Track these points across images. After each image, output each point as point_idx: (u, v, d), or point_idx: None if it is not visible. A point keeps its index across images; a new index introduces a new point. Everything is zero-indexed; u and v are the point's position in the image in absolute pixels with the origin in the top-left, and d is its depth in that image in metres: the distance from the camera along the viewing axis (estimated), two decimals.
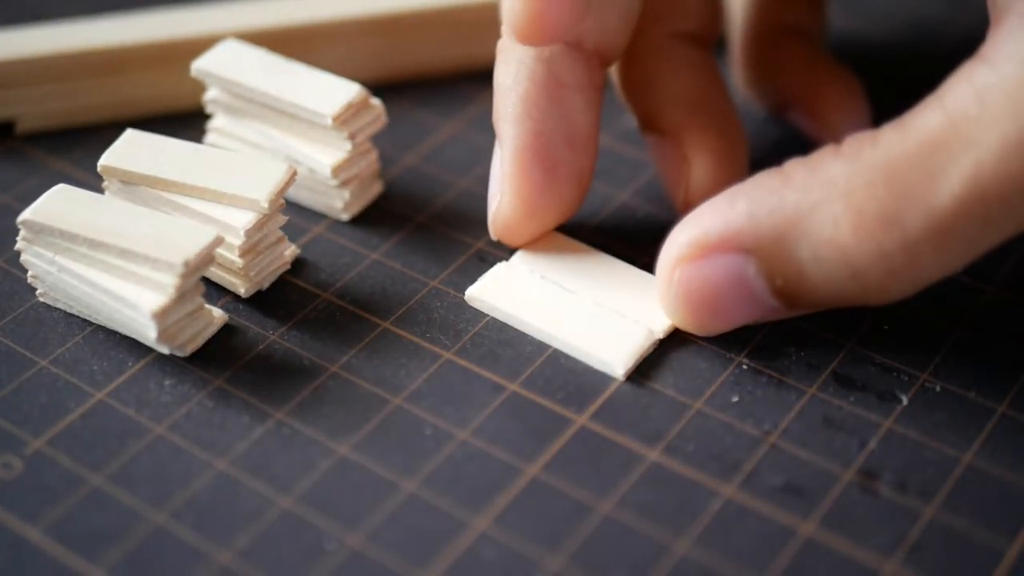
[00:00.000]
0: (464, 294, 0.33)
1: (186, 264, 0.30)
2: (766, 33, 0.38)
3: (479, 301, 0.33)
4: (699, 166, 0.34)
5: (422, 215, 0.36)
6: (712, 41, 0.36)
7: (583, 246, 0.34)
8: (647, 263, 0.33)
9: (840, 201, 0.28)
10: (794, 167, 0.29)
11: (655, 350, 0.32)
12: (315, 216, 0.36)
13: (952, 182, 0.27)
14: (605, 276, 0.33)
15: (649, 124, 0.35)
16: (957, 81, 0.27)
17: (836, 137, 0.35)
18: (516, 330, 0.32)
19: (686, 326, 0.31)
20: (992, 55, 0.27)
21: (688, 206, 0.33)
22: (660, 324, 0.32)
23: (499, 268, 0.34)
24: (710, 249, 0.30)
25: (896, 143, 0.28)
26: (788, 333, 0.32)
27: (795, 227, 0.28)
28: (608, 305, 0.32)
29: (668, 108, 0.34)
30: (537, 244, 0.34)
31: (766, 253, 0.29)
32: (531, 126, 0.32)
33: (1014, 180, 0.26)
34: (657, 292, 0.31)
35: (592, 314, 0.32)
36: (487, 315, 0.33)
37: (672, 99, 0.34)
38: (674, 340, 0.32)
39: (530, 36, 0.31)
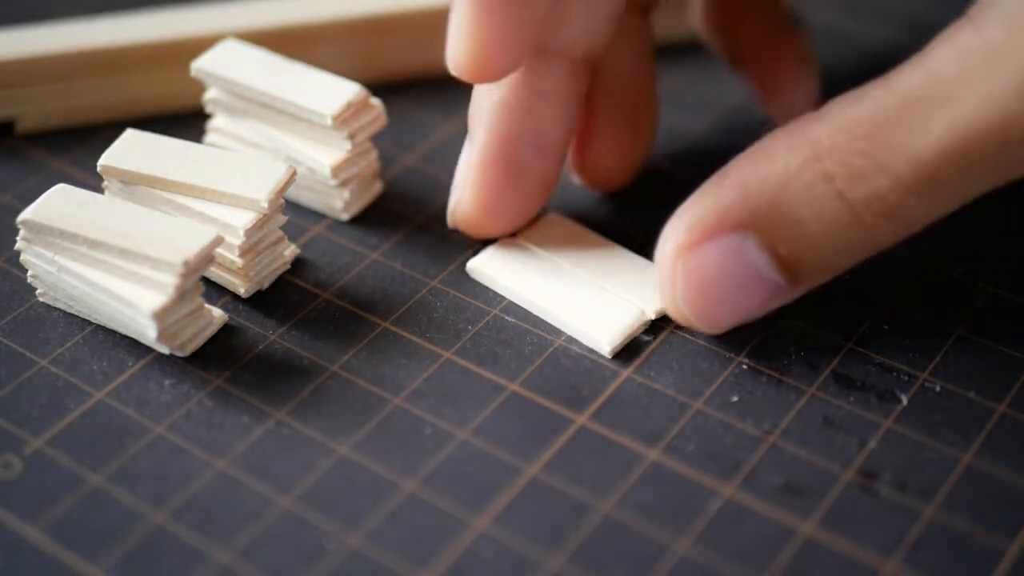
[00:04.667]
0: (464, 293, 0.33)
1: (186, 264, 0.30)
2: None
3: (479, 273, 0.34)
4: (599, 147, 0.35)
5: (422, 215, 0.36)
6: (652, 5, 0.36)
7: (585, 230, 0.35)
8: (648, 252, 0.34)
9: (828, 157, 0.28)
10: (777, 136, 0.29)
11: (655, 349, 0.32)
12: (315, 216, 0.36)
13: (933, 134, 0.27)
14: (603, 259, 0.34)
15: None
16: (941, 42, 0.28)
17: (783, 111, 0.36)
18: (516, 330, 0.32)
19: (696, 321, 0.31)
20: (978, 17, 0.28)
21: (581, 176, 0.35)
22: (652, 305, 0.32)
23: (502, 243, 0.34)
24: (708, 233, 0.30)
25: (879, 100, 0.28)
26: (788, 333, 0.32)
27: (786, 190, 0.29)
28: (603, 285, 0.33)
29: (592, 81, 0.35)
30: (540, 225, 0.35)
31: (763, 223, 0.29)
32: (502, 131, 0.33)
33: (992, 135, 0.27)
34: (660, 293, 0.31)
35: (586, 293, 0.33)
36: (487, 315, 0.33)
37: (599, 72, 0.35)
38: (674, 340, 0.32)
39: (473, 77, 0.31)
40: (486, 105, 0.33)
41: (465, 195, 0.33)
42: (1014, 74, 0.26)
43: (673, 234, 0.30)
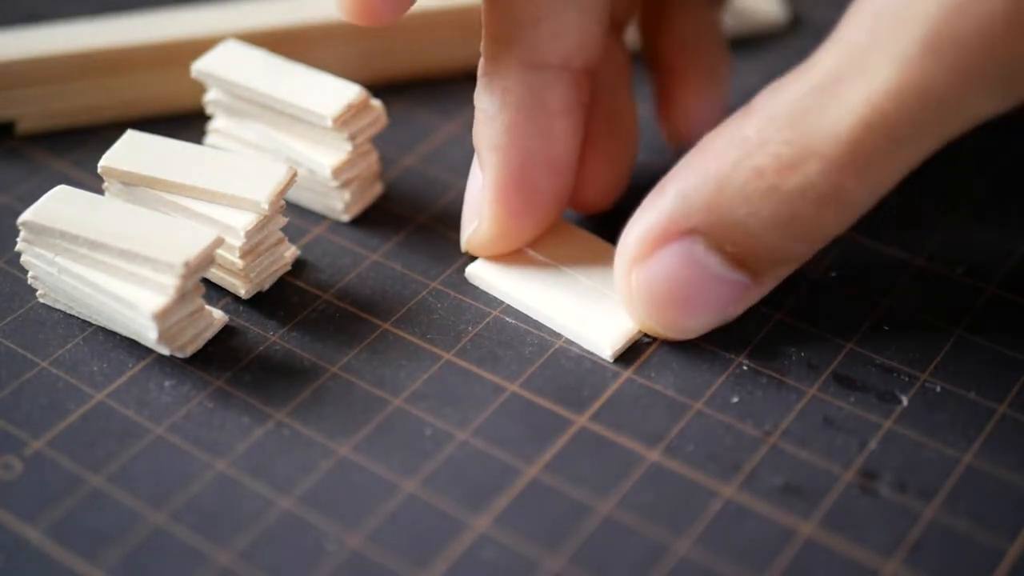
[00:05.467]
0: (465, 295, 0.33)
1: (186, 265, 0.30)
2: None
3: (477, 278, 0.34)
4: (587, 167, 0.34)
5: (422, 216, 0.36)
6: (627, 23, 0.36)
7: (584, 232, 0.35)
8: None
9: (758, 152, 0.28)
10: (711, 139, 0.30)
11: (655, 350, 0.32)
12: (315, 217, 0.36)
13: (853, 108, 0.27)
14: (602, 262, 0.34)
15: None
16: (852, 12, 0.28)
17: (669, 124, 0.36)
18: (516, 331, 0.32)
19: (661, 329, 0.31)
20: None
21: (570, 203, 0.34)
22: None
23: None
24: (655, 243, 0.30)
25: (797, 85, 0.28)
26: (788, 333, 0.32)
27: (723, 191, 0.29)
28: (603, 289, 0.33)
29: None
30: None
31: (706, 226, 0.29)
32: (515, 155, 0.32)
33: (910, 96, 0.27)
34: (624, 306, 0.31)
35: (587, 297, 0.33)
36: (487, 316, 0.33)
37: None
38: (674, 341, 0.32)
39: (361, 19, 0.30)
40: (496, 129, 0.32)
41: (483, 224, 0.33)
42: (917, 28, 0.26)
43: (623, 249, 0.30)
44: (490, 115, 0.32)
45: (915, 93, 0.26)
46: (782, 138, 0.28)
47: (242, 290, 0.33)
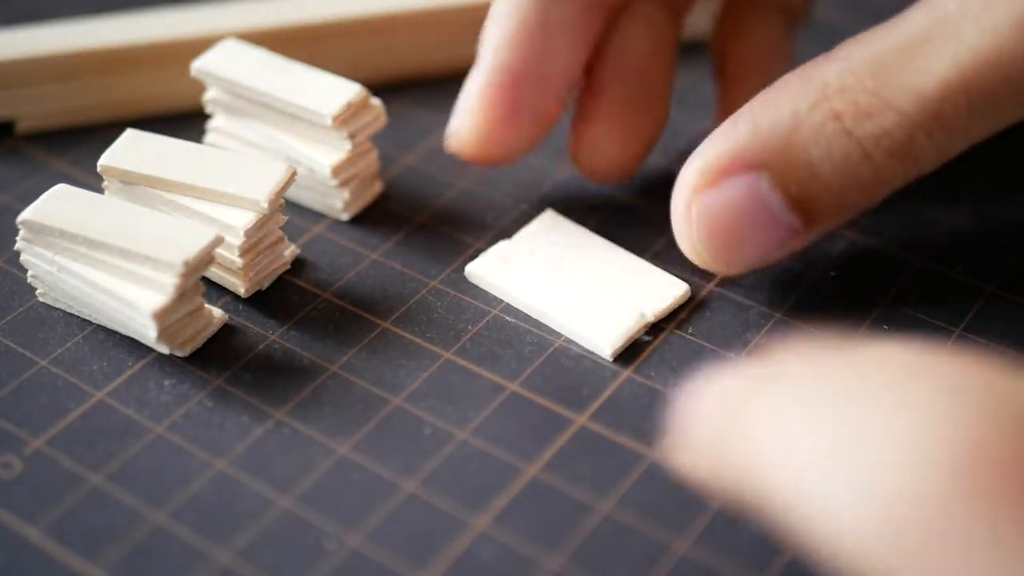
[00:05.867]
0: (464, 294, 0.33)
1: (186, 264, 0.30)
2: None
3: (477, 277, 0.34)
4: (596, 129, 0.35)
5: (422, 215, 0.36)
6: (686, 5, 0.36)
7: (583, 230, 0.35)
8: (648, 252, 0.33)
9: (836, 97, 0.29)
10: (789, 79, 0.30)
11: (655, 349, 0.32)
12: (315, 216, 0.36)
13: (936, 70, 0.28)
14: (603, 261, 0.34)
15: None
16: None
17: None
18: (516, 330, 0.32)
19: (712, 262, 0.31)
20: None
21: (577, 162, 0.35)
22: (652, 307, 0.32)
23: (501, 246, 0.34)
24: (721, 173, 0.30)
25: (883, 40, 0.29)
26: (788, 333, 0.32)
27: (797, 131, 0.29)
28: (603, 288, 0.33)
29: (600, 60, 0.35)
30: (539, 227, 0.35)
31: (775, 163, 0.30)
32: (505, 61, 0.33)
33: (993, 69, 0.28)
34: (677, 235, 0.31)
35: (586, 296, 0.33)
36: (487, 315, 0.33)
37: (608, 52, 0.35)
38: (674, 340, 0.32)
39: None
40: (495, 31, 0.33)
41: (465, 121, 0.34)
42: (1012, 7, 0.27)
43: (688, 175, 0.30)
44: (496, 15, 0.33)
45: (1001, 65, 0.27)
46: (862, 87, 0.29)
47: (241, 289, 0.33)
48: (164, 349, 0.31)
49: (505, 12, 0.33)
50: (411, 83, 0.41)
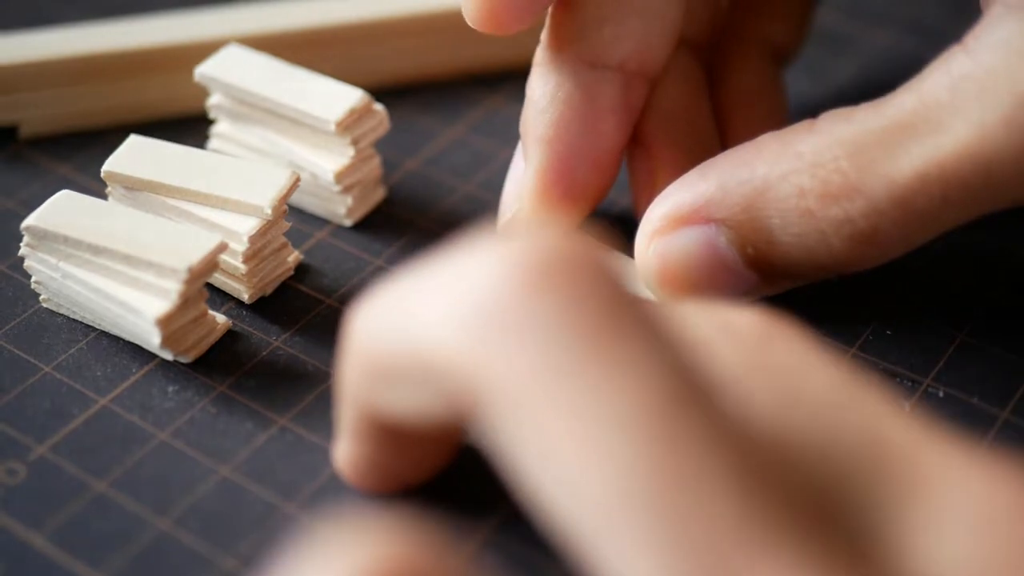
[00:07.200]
0: None
1: (190, 270, 0.30)
2: (724, 35, 0.37)
3: None
4: (664, 183, 0.33)
5: (425, 220, 0.36)
6: (707, 47, 0.36)
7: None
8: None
9: (807, 172, 0.29)
10: (767, 140, 0.30)
11: None
12: (318, 222, 0.36)
13: (913, 159, 0.27)
14: None
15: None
16: (936, 67, 0.28)
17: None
18: None
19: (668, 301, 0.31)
20: (973, 43, 0.28)
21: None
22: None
23: None
24: (682, 221, 0.30)
25: (867, 120, 0.28)
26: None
27: (763, 196, 0.29)
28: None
29: (645, 118, 0.34)
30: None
31: (736, 223, 0.30)
32: (560, 150, 0.32)
33: (975, 165, 0.27)
34: (637, 269, 0.31)
35: None
36: None
37: (652, 109, 0.34)
38: None
39: (487, 27, 0.31)
40: (545, 121, 0.32)
41: (523, 212, 0.33)
42: (1005, 102, 0.27)
43: (651, 216, 0.31)
44: (540, 107, 0.33)
45: (984, 160, 0.27)
46: (835, 166, 0.28)
47: (245, 295, 0.33)
48: (168, 355, 0.31)
49: (550, 102, 0.32)
50: (414, 88, 0.41)
